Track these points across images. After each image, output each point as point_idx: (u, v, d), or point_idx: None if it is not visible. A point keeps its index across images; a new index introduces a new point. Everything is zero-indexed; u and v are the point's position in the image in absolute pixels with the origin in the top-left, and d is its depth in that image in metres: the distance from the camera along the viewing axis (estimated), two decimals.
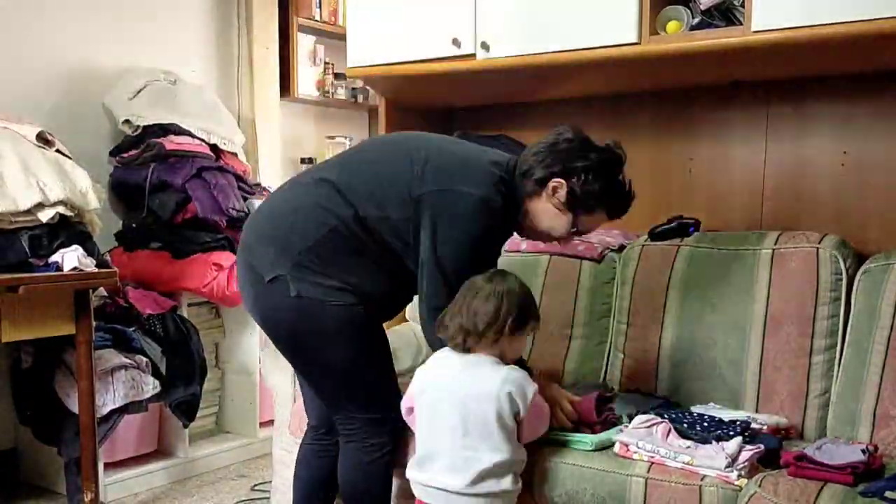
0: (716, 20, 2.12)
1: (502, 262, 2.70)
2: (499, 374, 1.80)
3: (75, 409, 2.59)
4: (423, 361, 2.69)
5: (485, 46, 2.41)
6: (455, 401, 1.81)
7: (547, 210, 1.98)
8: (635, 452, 1.85)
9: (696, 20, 2.14)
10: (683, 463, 1.77)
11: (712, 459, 1.74)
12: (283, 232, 1.95)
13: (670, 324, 2.32)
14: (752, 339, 2.19)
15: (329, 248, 1.92)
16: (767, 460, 1.80)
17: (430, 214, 1.91)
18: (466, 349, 1.84)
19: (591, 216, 2.00)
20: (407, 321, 2.74)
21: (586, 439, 1.91)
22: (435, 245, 1.91)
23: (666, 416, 1.96)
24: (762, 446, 1.79)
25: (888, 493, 1.54)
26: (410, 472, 1.88)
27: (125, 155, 3.15)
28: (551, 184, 1.95)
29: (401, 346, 2.51)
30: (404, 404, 1.95)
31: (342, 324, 1.93)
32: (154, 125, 3.14)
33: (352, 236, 1.93)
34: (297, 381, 2.26)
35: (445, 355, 1.89)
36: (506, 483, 1.79)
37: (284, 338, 2.00)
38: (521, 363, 1.97)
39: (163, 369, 2.84)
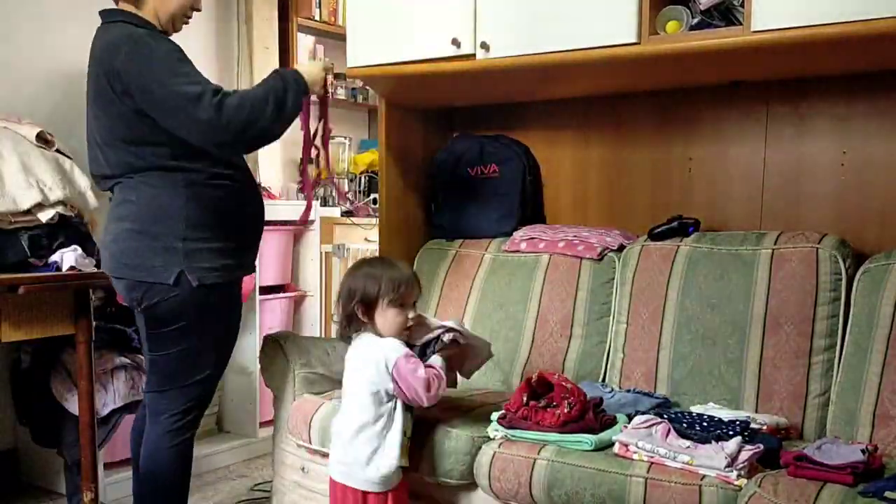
0: (715, 20, 2.12)
1: (502, 261, 2.72)
2: (366, 344, 1.99)
3: (73, 410, 2.59)
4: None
5: (485, 46, 2.41)
6: (345, 380, 2.03)
7: None
8: (635, 452, 1.85)
9: (696, 20, 2.14)
10: (683, 463, 1.77)
11: (712, 459, 1.74)
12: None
13: (670, 324, 2.33)
14: (752, 339, 2.19)
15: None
16: (767, 460, 1.80)
17: (124, 68, 2.00)
18: (347, 337, 2.04)
19: None
20: None
21: (586, 439, 1.91)
22: (144, 80, 1.99)
23: (665, 416, 1.96)
24: (762, 446, 1.79)
25: (888, 494, 1.53)
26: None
27: None
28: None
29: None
30: None
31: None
32: None
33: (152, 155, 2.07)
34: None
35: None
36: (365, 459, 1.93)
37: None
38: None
39: None
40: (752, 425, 1.91)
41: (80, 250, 2.51)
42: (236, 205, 2.19)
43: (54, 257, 2.49)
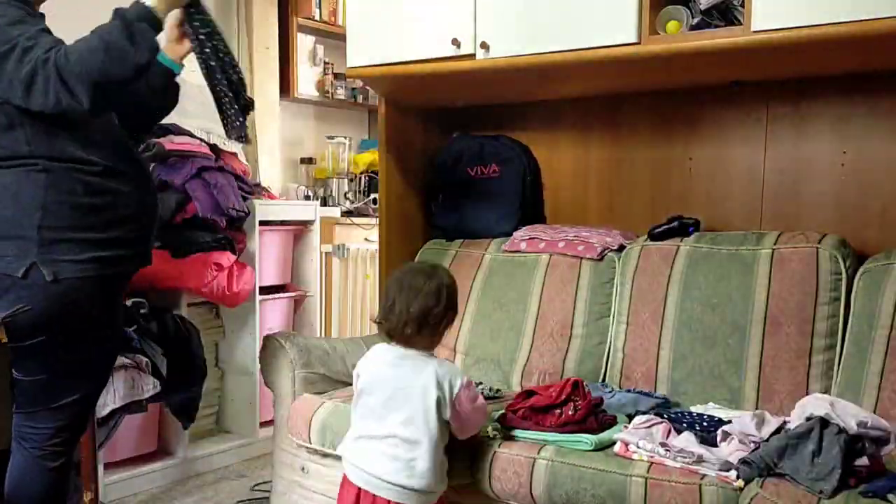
0: (715, 20, 2.12)
1: (502, 261, 2.72)
2: (430, 366, 1.88)
3: None
4: None
5: (484, 46, 2.41)
6: (387, 391, 1.89)
7: None
8: (635, 452, 1.85)
9: (696, 20, 2.14)
10: (683, 463, 1.77)
11: (712, 459, 1.74)
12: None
13: (670, 324, 2.33)
14: (752, 339, 2.19)
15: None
16: None
17: None
18: (406, 343, 1.91)
19: None
20: None
21: (586, 439, 1.91)
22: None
23: (666, 416, 1.96)
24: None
25: (889, 496, 1.53)
26: (344, 451, 1.95)
27: None
28: None
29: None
30: None
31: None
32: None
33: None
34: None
35: (385, 348, 1.95)
36: (428, 481, 1.85)
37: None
38: None
39: (163, 370, 2.83)
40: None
41: None
42: (106, 197, 1.91)
43: None
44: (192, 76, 3.52)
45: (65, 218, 1.85)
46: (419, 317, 1.87)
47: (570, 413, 1.95)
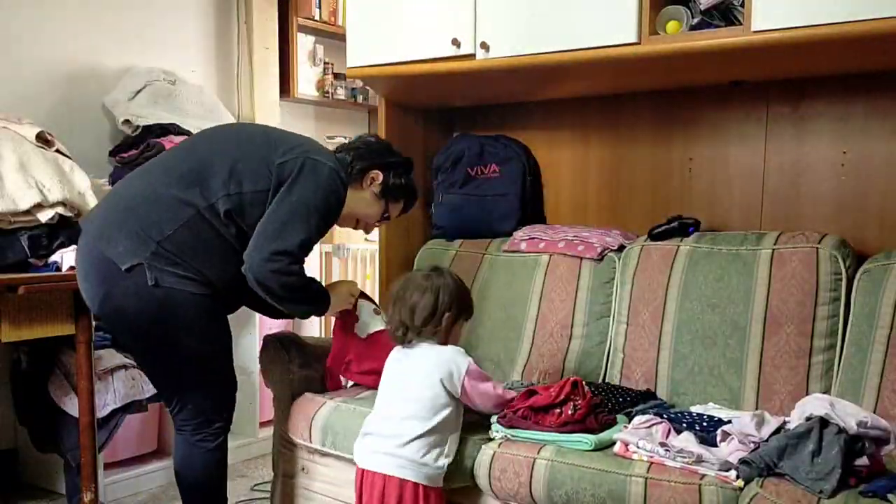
0: (715, 20, 2.12)
1: (502, 261, 2.72)
2: (433, 351, 2.00)
3: (72, 413, 2.59)
4: None
5: (484, 46, 2.41)
6: (395, 381, 2.02)
7: (364, 198, 2.29)
8: (635, 452, 1.85)
9: (696, 20, 2.14)
10: (683, 463, 1.77)
11: (712, 459, 1.74)
12: (141, 223, 2.01)
13: (670, 324, 2.33)
14: (752, 339, 2.19)
15: (185, 238, 2.01)
16: None
17: (290, 177, 2.06)
18: (408, 342, 2.01)
19: (396, 205, 2.36)
20: None
21: (586, 439, 1.91)
22: (291, 195, 2.05)
23: (665, 416, 1.96)
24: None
25: (889, 496, 1.53)
26: (355, 445, 2.04)
27: (125, 155, 3.14)
28: (371, 174, 2.27)
29: None
30: None
31: (198, 312, 2.04)
32: (154, 125, 3.14)
33: (207, 226, 2.04)
34: None
35: (395, 349, 2.08)
36: (429, 457, 1.93)
37: (139, 327, 2.03)
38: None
39: None
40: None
41: None
42: (226, 261, 2.09)
43: (54, 257, 2.49)
44: (192, 76, 3.55)
45: (180, 253, 2.00)
46: (418, 323, 1.98)
47: (569, 413, 1.95)
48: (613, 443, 1.91)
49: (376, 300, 2.57)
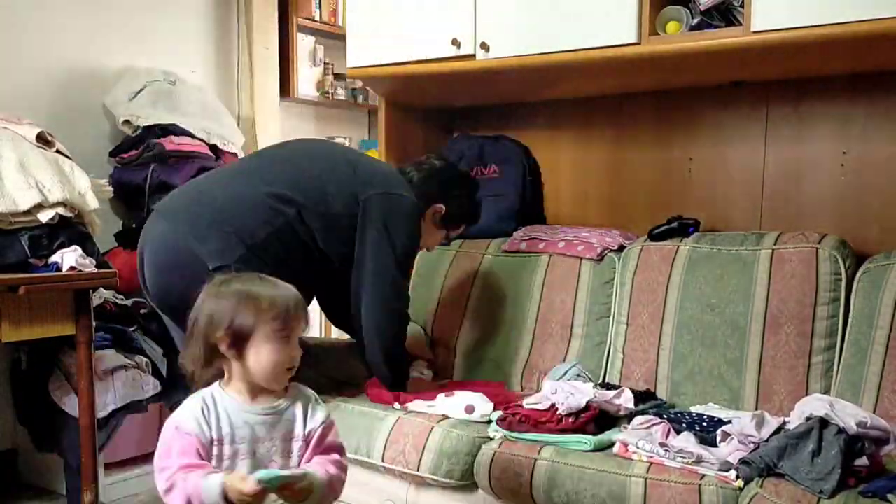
0: (715, 20, 2.12)
1: (502, 261, 2.72)
2: None
3: (72, 413, 2.59)
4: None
5: (484, 47, 2.41)
6: None
7: (426, 228, 2.34)
8: (634, 453, 1.85)
9: (696, 20, 2.14)
10: (683, 463, 1.77)
11: (711, 459, 1.74)
12: (235, 225, 2.03)
13: (670, 324, 2.32)
14: (752, 339, 2.19)
15: (274, 244, 2.04)
16: None
17: (378, 217, 2.13)
18: None
19: (458, 230, 2.45)
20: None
21: (585, 440, 1.91)
22: (393, 248, 2.13)
23: (665, 416, 1.96)
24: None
25: (889, 496, 1.53)
26: None
27: (125, 155, 3.14)
28: (433, 208, 2.34)
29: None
30: None
31: None
32: (154, 125, 3.13)
33: (295, 236, 2.08)
34: None
35: None
36: None
37: None
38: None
39: (163, 370, 2.83)
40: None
41: (80, 251, 2.51)
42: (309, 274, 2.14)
43: (54, 258, 2.48)
44: (192, 76, 3.54)
45: (267, 259, 2.01)
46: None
47: (570, 421, 1.95)
48: (613, 443, 1.91)
49: None
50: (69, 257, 2.46)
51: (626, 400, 2.02)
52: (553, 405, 1.98)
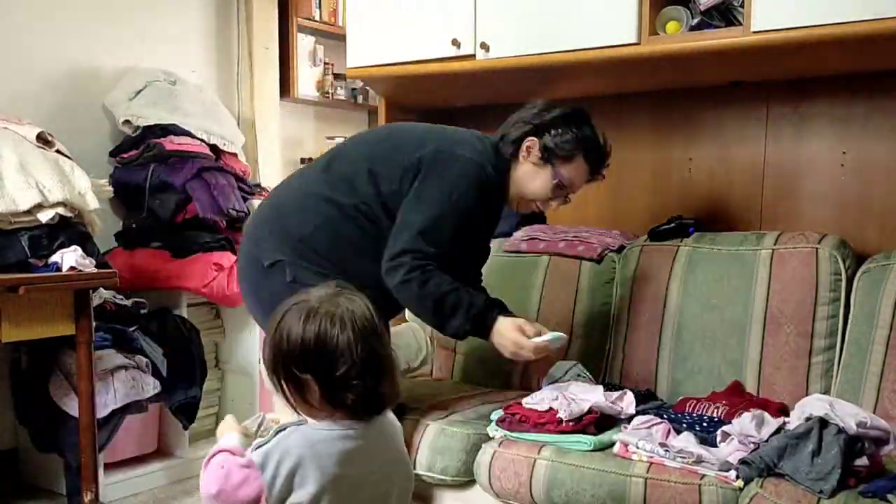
0: (715, 20, 2.12)
1: (502, 261, 2.72)
2: None
3: (72, 413, 2.59)
4: (423, 362, 2.71)
5: (484, 47, 2.41)
6: None
7: (527, 171, 2.06)
8: (634, 452, 1.85)
9: (696, 20, 2.14)
10: (683, 463, 1.77)
11: (711, 459, 1.75)
12: (283, 221, 2.02)
13: (670, 324, 2.32)
14: (752, 339, 2.19)
15: (327, 236, 1.99)
16: None
17: (424, 172, 1.98)
18: None
19: (570, 165, 2.05)
20: (407, 321, 2.74)
21: (586, 440, 1.91)
22: (417, 194, 1.96)
23: (665, 416, 1.96)
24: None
25: (889, 496, 1.53)
26: None
27: (125, 155, 3.15)
28: (525, 143, 2.05)
29: (400, 345, 2.51)
30: None
31: None
32: (154, 125, 3.14)
33: (351, 225, 2.00)
34: None
35: None
36: None
37: None
38: None
39: (163, 370, 2.83)
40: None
41: (80, 251, 2.51)
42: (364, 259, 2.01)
43: (54, 258, 2.48)
44: (191, 76, 3.54)
45: (321, 251, 1.97)
46: None
47: (570, 424, 1.95)
48: (613, 443, 1.91)
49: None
50: (69, 257, 2.46)
51: (628, 405, 2.00)
52: (552, 408, 1.97)
